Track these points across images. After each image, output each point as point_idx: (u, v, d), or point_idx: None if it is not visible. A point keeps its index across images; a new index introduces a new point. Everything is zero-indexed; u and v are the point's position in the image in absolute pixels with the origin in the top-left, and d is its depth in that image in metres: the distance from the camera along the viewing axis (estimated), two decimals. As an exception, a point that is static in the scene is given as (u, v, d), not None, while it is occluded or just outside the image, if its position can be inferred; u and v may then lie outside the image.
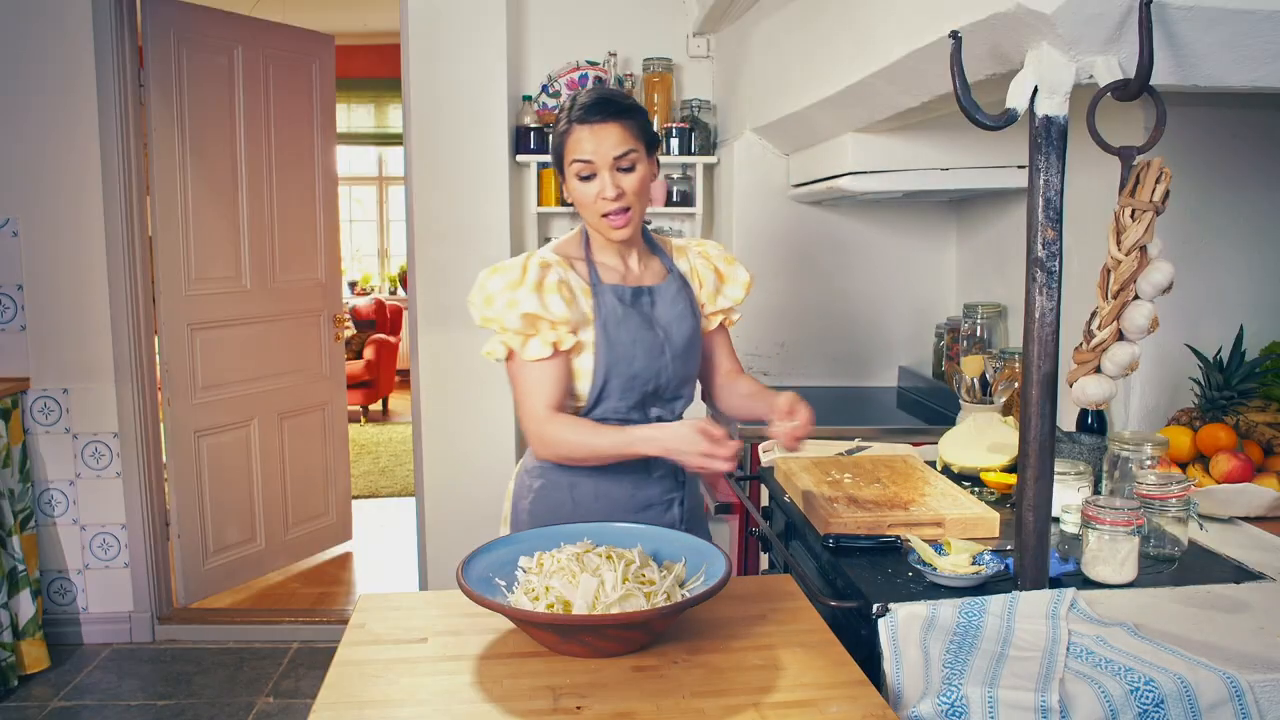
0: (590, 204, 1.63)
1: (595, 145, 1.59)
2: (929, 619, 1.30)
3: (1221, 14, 1.30)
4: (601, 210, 1.62)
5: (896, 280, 3.21)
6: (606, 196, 1.60)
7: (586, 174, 1.61)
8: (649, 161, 1.66)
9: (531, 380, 1.63)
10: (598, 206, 1.62)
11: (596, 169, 1.60)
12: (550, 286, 1.61)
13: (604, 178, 1.60)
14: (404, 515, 4.99)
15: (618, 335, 1.65)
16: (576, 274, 1.68)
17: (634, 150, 1.61)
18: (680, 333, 1.71)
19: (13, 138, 3.27)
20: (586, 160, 1.60)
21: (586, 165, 1.61)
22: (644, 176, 1.64)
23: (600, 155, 1.59)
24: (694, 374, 1.78)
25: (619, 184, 1.61)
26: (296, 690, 3.15)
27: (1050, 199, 1.29)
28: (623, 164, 1.61)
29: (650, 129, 1.68)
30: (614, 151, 1.60)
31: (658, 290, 1.72)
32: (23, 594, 3.18)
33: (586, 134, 1.60)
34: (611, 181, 1.60)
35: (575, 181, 1.63)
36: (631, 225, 1.65)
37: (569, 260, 1.69)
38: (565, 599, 1.24)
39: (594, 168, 1.61)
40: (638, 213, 1.65)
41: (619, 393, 1.66)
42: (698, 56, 3.57)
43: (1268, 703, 1.16)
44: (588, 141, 1.60)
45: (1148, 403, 2.05)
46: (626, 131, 1.61)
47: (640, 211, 1.66)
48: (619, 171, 1.61)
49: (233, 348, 3.82)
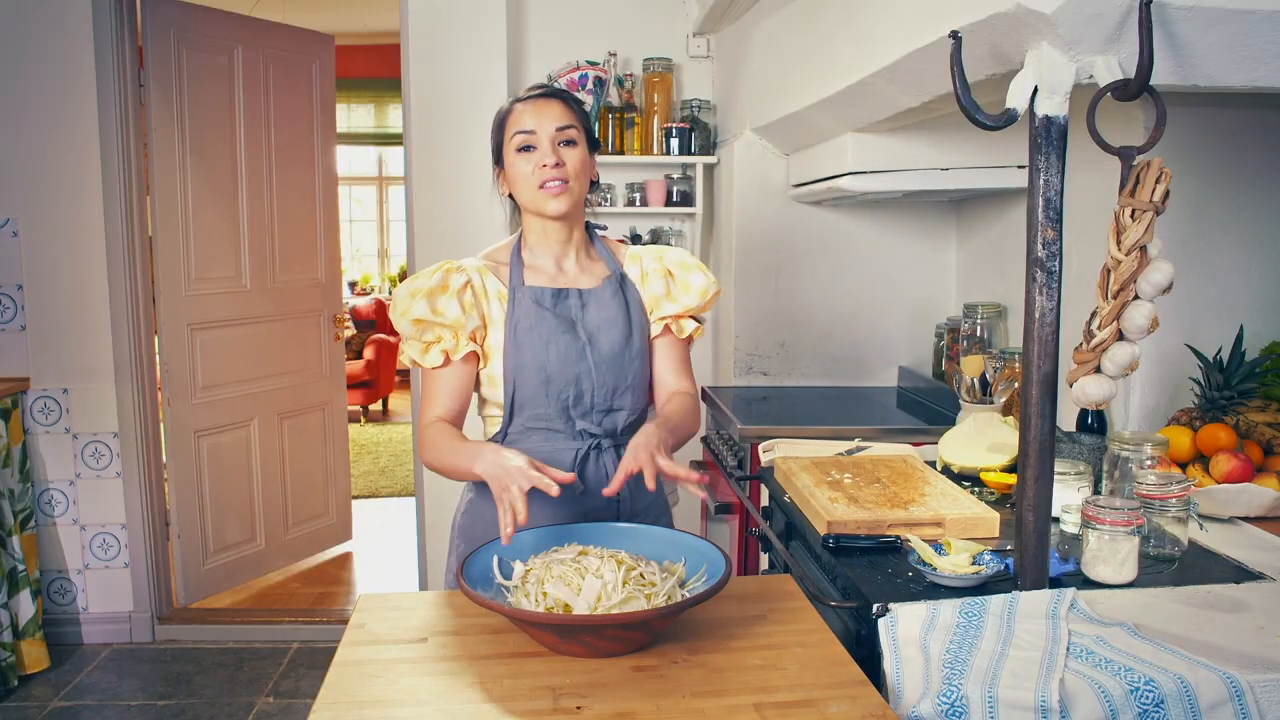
0: (528, 176, 1.60)
1: (537, 118, 1.60)
2: (929, 619, 1.30)
3: (1221, 14, 1.30)
4: (540, 179, 1.59)
5: (896, 280, 3.20)
6: (546, 164, 1.58)
7: (526, 144, 1.60)
8: (589, 153, 1.64)
9: (426, 387, 1.64)
10: (536, 175, 1.59)
11: (537, 140, 1.59)
12: (452, 291, 1.59)
13: (544, 147, 1.59)
14: (404, 515, 4.99)
15: (527, 338, 1.61)
16: (496, 278, 1.65)
17: (574, 127, 1.61)
18: (609, 339, 1.64)
19: (13, 138, 3.28)
20: (528, 130, 1.59)
21: (528, 136, 1.59)
22: (584, 158, 1.62)
23: (542, 126, 1.59)
24: (634, 385, 1.68)
25: (559, 154, 1.59)
26: (296, 690, 3.15)
27: (1050, 199, 1.29)
28: (563, 137, 1.60)
29: (590, 124, 1.68)
30: (556, 123, 1.59)
31: (590, 293, 1.67)
32: (23, 594, 3.18)
33: (528, 108, 1.61)
34: (551, 150, 1.59)
35: (514, 157, 1.61)
36: (569, 198, 1.61)
37: (494, 265, 1.67)
38: (565, 600, 1.24)
39: (535, 139, 1.59)
40: (577, 190, 1.62)
41: (535, 400, 1.61)
42: (698, 56, 3.57)
43: (1268, 703, 1.16)
44: (529, 114, 1.60)
45: (1148, 403, 2.05)
46: (569, 109, 1.62)
47: (579, 194, 1.64)
48: (560, 146, 1.60)
49: (233, 348, 3.82)
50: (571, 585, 1.25)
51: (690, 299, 1.70)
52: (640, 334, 1.69)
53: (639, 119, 3.48)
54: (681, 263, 1.73)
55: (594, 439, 1.66)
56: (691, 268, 1.73)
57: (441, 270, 1.62)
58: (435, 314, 1.58)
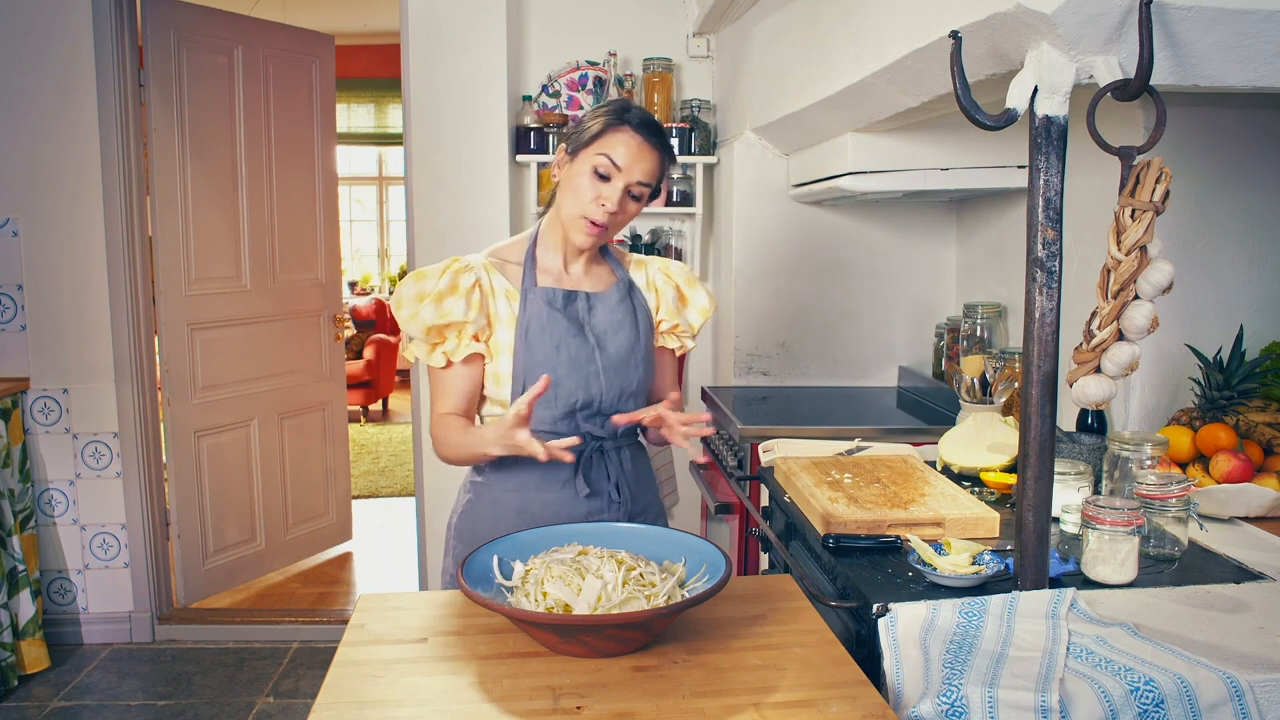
0: (585, 200, 1.59)
1: (632, 159, 1.57)
2: (929, 619, 1.30)
3: (1221, 14, 1.30)
4: (591, 213, 1.59)
5: (896, 280, 3.21)
6: (607, 206, 1.57)
7: (605, 174, 1.57)
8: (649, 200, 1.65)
9: (435, 384, 1.65)
10: (589, 208, 1.58)
11: (616, 178, 1.57)
12: (461, 292, 1.58)
13: (617, 187, 1.57)
14: (404, 515, 4.99)
15: (539, 340, 1.61)
16: (504, 277, 1.64)
17: (650, 187, 1.61)
18: (616, 343, 1.65)
19: (13, 137, 3.28)
20: (617, 165, 1.57)
21: (613, 168, 1.57)
22: (639, 209, 1.63)
23: (629, 169, 1.57)
24: (638, 389, 1.69)
25: (622, 204, 1.59)
26: (296, 690, 3.15)
27: (1050, 199, 1.29)
28: (637, 190, 1.59)
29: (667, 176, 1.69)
30: (640, 176, 1.58)
31: (597, 296, 1.68)
32: (23, 594, 3.18)
33: (634, 143, 1.57)
34: (620, 197, 1.58)
35: (587, 172, 1.58)
36: (600, 240, 1.63)
37: (502, 263, 1.66)
38: (565, 600, 1.24)
39: (615, 173, 1.57)
40: (612, 234, 1.64)
41: (543, 401, 1.60)
42: (698, 56, 3.57)
43: (1268, 703, 1.16)
44: (629, 149, 1.57)
45: (1148, 403, 2.05)
46: (659, 168, 1.61)
47: (614, 234, 1.65)
48: (629, 195, 1.59)
49: (233, 348, 3.82)
50: (571, 585, 1.25)
51: (694, 318, 1.76)
52: (646, 340, 1.71)
53: (639, 119, 3.48)
54: (688, 279, 1.78)
55: (597, 440, 1.66)
56: (696, 286, 1.78)
57: (450, 271, 1.61)
58: (443, 317, 1.57)
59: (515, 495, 1.67)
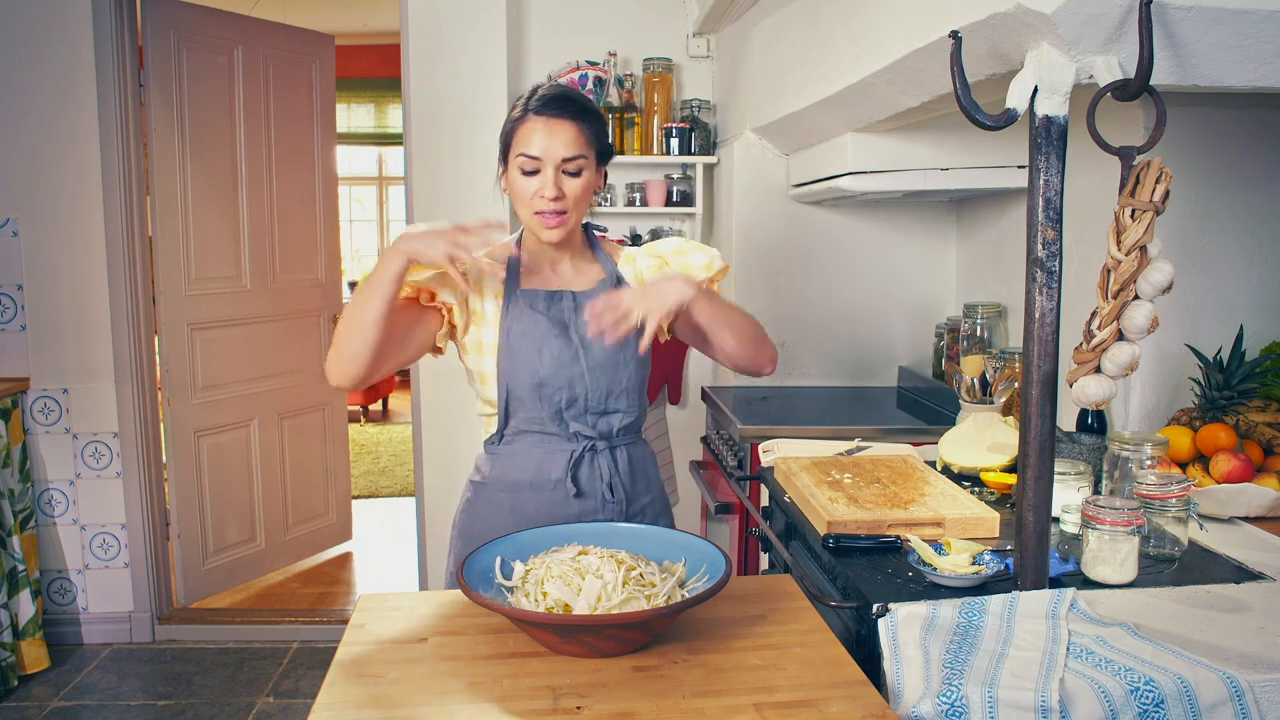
0: (527, 200, 1.58)
1: (546, 143, 1.55)
2: (929, 619, 1.30)
3: (1221, 14, 1.30)
4: (536, 208, 1.58)
5: (896, 280, 3.21)
6: (545, 195, 1.56)
7: (530, 169, 1.57)
8: (597, 171, 1.62)
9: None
10: (534, 204, 1.58)
11: (541, 166, 1.56)
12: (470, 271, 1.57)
13: (547, 175, 1.56)
14: (404, 515, 4.99)
15: (520, 343, 1.61)
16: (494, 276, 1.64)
17: (584, 156, 1.57)
18: (601, 342, 1.61)
19: (13, 138, 3.28)
20: (534, 156, 1.56)
21: (532, 161, 1.56)
22: (588, 183, 1.60)
23: (549, 153, 1.55)
24: (630, 387, 1.67)
25: (560, 186, 1.57)
26: (296, 690, 3.15)
27: (1050, 199, 1.29)
28: (569, 167, 1.57)
29: (606, 138, 1.64)
30: (564, 152, 1.56)
31: (584, 295, 1.66)
32: (23, 594, 3.18)
33: (540, 127, 1.56)
34: (554, 181, 1.56)
35: (517, 174, 1.58)
36: (565, 228, 1.60)
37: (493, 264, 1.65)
38: (565, 600, 1.24)
39: (539, 164, 1.56)
40: (574, 217, 1.61)
41: (528, 403, 1.61)
42: (698, 56, 3.57)
43: (1268, 703, 1.16)
44: (539, 136, 1.55)
45: (1148, 403, 2.05)
46: (581, 134, 1.57)
47: (578, 217, 1.63)
48: (564, 174, 1.57)
49: (233, 348, 3.82)
50: (571, 585, 1.25)
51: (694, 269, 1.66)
52: (635, 336, 1.67)
53: (639, 119, 3.48)
54: (676, 249, 1.71)
55: (589, 441, 1.65)
56: (688, 250, 1.69)
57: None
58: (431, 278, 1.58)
59: (509, 495, 1.67)
